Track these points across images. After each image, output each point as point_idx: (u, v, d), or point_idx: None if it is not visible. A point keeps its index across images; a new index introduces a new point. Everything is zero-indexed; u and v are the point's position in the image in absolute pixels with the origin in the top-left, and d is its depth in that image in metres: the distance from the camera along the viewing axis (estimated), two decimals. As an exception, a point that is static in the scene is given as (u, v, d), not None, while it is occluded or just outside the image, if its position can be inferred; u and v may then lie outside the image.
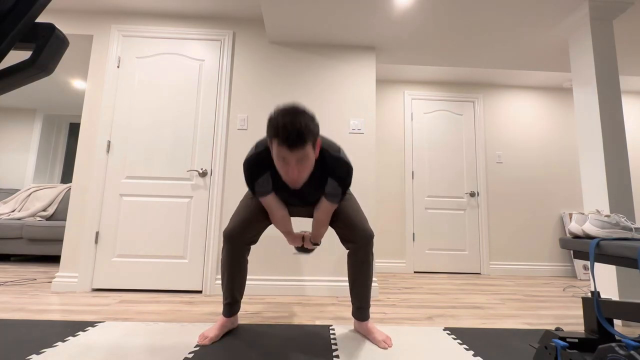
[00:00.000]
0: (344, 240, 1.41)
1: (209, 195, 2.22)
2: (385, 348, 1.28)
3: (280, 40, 2.39)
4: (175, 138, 2.26)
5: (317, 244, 1.47)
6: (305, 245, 1.47)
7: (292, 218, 2.25)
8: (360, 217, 1.39)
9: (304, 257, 2.16)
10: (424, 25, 2.18)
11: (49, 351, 1.17)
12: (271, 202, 1.33)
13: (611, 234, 1.06)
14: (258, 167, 1.23)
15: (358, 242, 1.36)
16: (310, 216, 1.50)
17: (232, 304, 1.40)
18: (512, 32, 2.23)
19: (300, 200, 1.38)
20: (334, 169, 1.23)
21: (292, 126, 1.02)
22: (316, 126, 1.11)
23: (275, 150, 1.09)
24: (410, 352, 1.25)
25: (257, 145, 1.25)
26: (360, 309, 1.41)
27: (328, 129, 2.34)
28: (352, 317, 1.67)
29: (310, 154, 1.11)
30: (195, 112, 2.30)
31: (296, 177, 1.13)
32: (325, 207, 1.33)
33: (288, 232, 1.44)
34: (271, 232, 2.22)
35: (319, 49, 2.43)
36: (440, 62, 2.69)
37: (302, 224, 2.22)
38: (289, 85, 2.37)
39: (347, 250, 1.52)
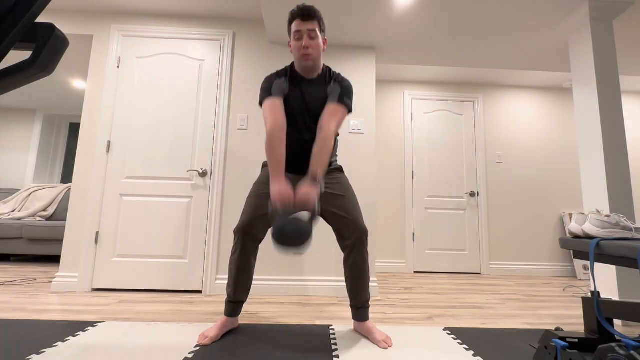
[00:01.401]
0: (340, 237, 1.40)
1: (209, 195, 2.22)
2: (385, 348, 1.28)
3: (280, 40, 2.39)
4: (175, 138, 2.26)
5: (319, 179, 1.17)
6: (299, 195, 1.10)
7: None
8: (357, 212, 1.40)
9: (294, 251, 1.97)
10: (423, 25, 2.18)
11: (49, 351, 1.17)
12: (279, 104, 1.36)
13: (611, 234, 1.06)
14: (278, 72, 1.45)
15: (352, 237, 1.36)
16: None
17: (235, 304, 1.40)
18: (512, 32, 2.23)
19: (308, 111, 1.40)
20: (336, 77, 1.45)
21: (304, 6, 1.34)
22: (324, 21, 1.43)
23: (292, 28, 1.36)
24: (410, 352, 1.25)
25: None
26: (360, 310, 1.41)
27: (328, 129, 2.34)
28: (352, 317, 1.68)
29: (318, 33, 1.36)
30: (195, 112, 2.30)
31: (308, 46, 1.34)
32: (328, 109, 1.35)
33: (278, 163, 1.23)
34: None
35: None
36: (440, 62, 2.69)
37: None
38: (289, 85, 2.37)
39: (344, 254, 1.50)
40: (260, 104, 1.39)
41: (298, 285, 2.16)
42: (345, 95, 1.38)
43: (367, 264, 1.40)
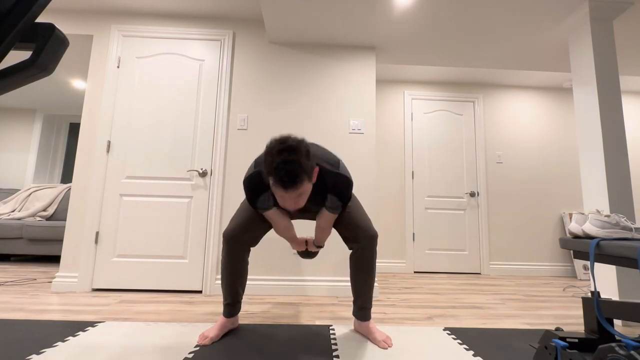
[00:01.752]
0: (348, 240, 1.41)
1: (209, 195, 2.22)
2: (385, 348, 1.28)
3: (280, 40, 2.39)
4: (175, 138, 2.26)
5: (321, 247, 1.50)
6: (309, 249, 1.50)
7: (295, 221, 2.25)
8: (364, 217, 1.40)
9: (304, 259, 2.16)
10: (424, 25, 2.18)
11: (49, 351, 1.17)
12: (274, 215, 1.35)
13: (611, 234, 1.06)
14: (258, 185, 1.24)
15: (362, 241, 1.36)
16: (314, 219, 1.50)
17: (232, 305, 1.40)
18: (512, 32, 2.23)
19: (302, 213, 1.43)
20: (333, 186, 1.26)
21: (285, 169, 1.03)
22: (311, 161, 1.11)
23: (272, 186, 1.10)
24: (410, 352, 1.25)
25: (257, 163, 1.26)
26: (362, 309, 1.41)
27: (328, 129, 2.34)
28: (352, 316, 1.68)
29: (307, 188, 1.12)
30: (195, 112, 2.30)
31: (293, 207, 1.14)
32: (327, 217, 1.36)
33: (292, 239, 1.47)
34: (272, 233, 2.22)
35: (319, 49, 2.43)
36: (440, 62, 2.69)
37: (305, 228, 2.22)
38: (289, 85, 2.37)
39: (349, 250, 1.52)
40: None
41: (298, 285, 2.16)
42: (345, 204, 1.31)
43: (374, 265, 1.40)
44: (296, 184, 1.05)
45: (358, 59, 2.44)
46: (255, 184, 1.25)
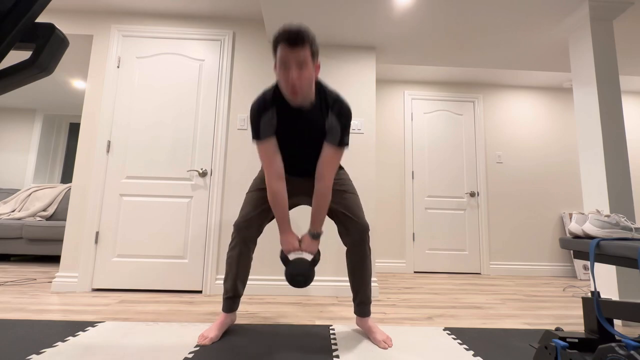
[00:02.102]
0: (342, 232, 1.42)
1: (209, 195, 2.22)
2: (385, 348, 1.28)
3: (280, 40, 2.39)
4: (175, 138, 2.26)
5: (318, 234, 1.33)
6: (303, 247, 1.33)
7: (293, 221, 2.25)
8: (358, 207, 1.42)
9: (296, 287, 1.54)
10: (424, 25, 2.18)
11: (49, 351, 1.17)
12: (272, 147, 1.29)
13: (611, 234, 1.06)
14: (264, 102, 1.28)
15: (354, 233, 1.37)
16: (309, 200, 1.43)
17: (233, 299, 1.40)
18: (512, 32, 2.23)
19: (304, 139, 1.32)
20: (334, 103, 1.30)
21: (292, 28, 1.15)
22: (316, 42, 1.22)
23: (278, 55, 1.18)
24: (410, 352, 1.25)
25: (264, 90, 1.33)
26: (361, 305, 1.42)
27: (328, 129, 2.34)
28: (352, 317, 1.68)
29: (309, 61, 1.18)
30: (195, 112, 2.30)
31: (296, 80, 1.17)
32: (327, 154, 1.29)
33: (283, 218, 1.31)
34: (272, 233, 2.22)
35: (319, 49, 2.43)
36: (440, 62, 2.69)
37: (303, 226, 2.22)
38: (289, 85, 2.37)
39: (346, 248, 1.52)
40: (253, 139, 1.31)
41: (298, 285, 2.15)
42: (344, 133, 1.29)
43: (369, 260, 1.41)
44: (301, 42, 1.14)
45: (358, 59, 2.44)
46: (262, 100, 1.29)
